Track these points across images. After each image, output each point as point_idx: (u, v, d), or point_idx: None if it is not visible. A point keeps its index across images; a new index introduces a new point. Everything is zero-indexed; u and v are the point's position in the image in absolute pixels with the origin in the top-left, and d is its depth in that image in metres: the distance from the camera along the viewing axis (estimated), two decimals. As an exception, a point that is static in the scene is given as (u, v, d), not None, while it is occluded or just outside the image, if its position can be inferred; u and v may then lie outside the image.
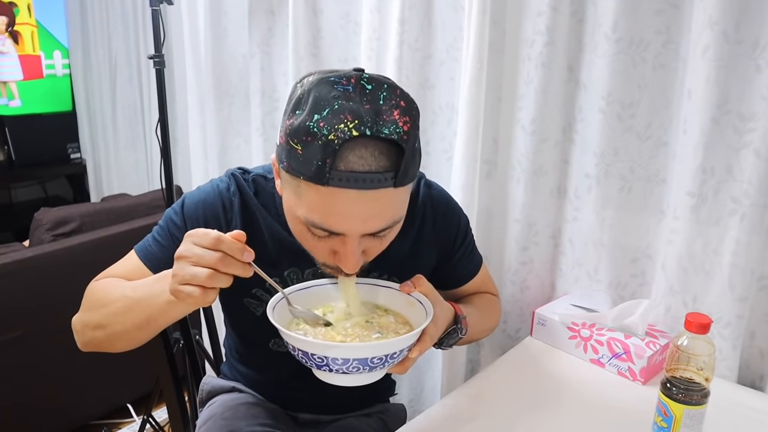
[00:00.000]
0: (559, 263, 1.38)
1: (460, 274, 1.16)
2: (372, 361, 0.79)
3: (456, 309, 1.00)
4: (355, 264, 0.84)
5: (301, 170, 0.78)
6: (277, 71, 1.85)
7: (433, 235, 1.08)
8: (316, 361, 0.80)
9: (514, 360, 1.24)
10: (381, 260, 0.97)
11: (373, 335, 0.88)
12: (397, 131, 0.77)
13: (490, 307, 1.20)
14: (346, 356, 0.78)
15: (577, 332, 1.22)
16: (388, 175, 0.77)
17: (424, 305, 0.91)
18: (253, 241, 0.95)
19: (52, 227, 2.05)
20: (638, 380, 1.14)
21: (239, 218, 0.99)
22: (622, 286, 1.30)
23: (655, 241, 1.25)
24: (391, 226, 0.85)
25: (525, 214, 1.36)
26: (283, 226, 0.97)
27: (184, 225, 0.98)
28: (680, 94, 1.15)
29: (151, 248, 0.99)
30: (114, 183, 3.40)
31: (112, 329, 0.91)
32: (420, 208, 1.06)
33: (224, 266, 0.74)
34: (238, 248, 0.75)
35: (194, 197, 1.01)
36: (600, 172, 1.25)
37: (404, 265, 1.05)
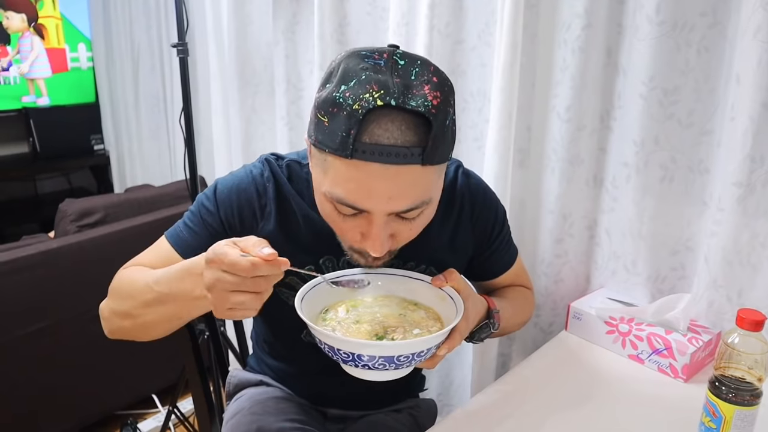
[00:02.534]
0: (595, 255, 1.33)
1: (496, 265, 1.12)
2: (399, 359, 0.79)
3: (489, 303, 0.98)
4: (381, 246, 0.81)
5: (327, 143, 0.76)
6: (303, 59, 1.82)
7: (471, 225, 1.05)
8: (342, 356, 0.79)
9: (548, 355, 1.20)
10: (419, 249, 0.97)
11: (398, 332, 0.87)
12: (425, 104, 0.74)
13: (524, 301, 1.17)
14: (373, 353, 0.77)
15: (615, 327, 1.18)
16: (415, 150, 0.74)
17: (455, 301, 0.89)
18: (287, 228, 0.97)
19: (77, 218, 2.05)
20: (680, 378, 1.10)
21: (274, 204, 0.97)
22: (661, 279, 1.25)
23: (697, 233, 1.20)
24: (419, 207, 0.81)
25: (560, 205, 1.32)
26: (318, 212, 0.93)
27: (216, 211, 0.96)
28: (727, 78, 1.09)
29: (182, 234, 0.97)
30: (137, 174, 3.41)
31: (142, 320, 0.89)
32: (458, 197, 1.03)
33: (264, 286, 0.73)
34: (275, 269, 0.73)
35: (227, 183, 0.99)
36: (639, 161, 1.20)
37: (442, 255, 1.03)
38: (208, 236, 0.95)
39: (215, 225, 0.96)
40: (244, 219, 0.97)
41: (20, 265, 1.78)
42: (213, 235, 0.95)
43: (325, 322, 0.89)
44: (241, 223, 0.97)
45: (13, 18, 3.39)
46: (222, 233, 0.96)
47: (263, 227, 0.97)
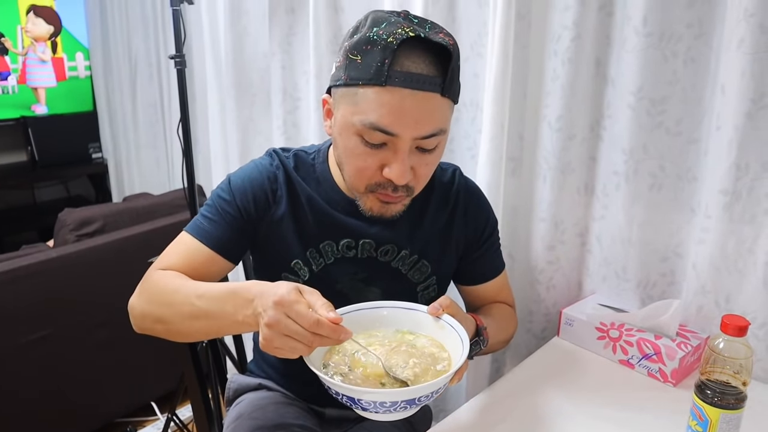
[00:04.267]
0: (587, 262, 1.36)
1: (482, 270, 1.16)
2: (419, 400, 0.80)
3: (477, 320, 1.01)
4: (405, 172, 0.90)
5: (361, 76, 0.86)
6: (299, 70, 1.85)
7: (463, 223, 1.11)
8: (346, 402, 0.80)
9: (541, 361, 1.22)
10: (414, 238, 1.07)
11: (409, 365, 0.85)
12: (445, 41, 0.86)
13: (508, 318, 1.18)
14: (381, 400, 0.78)
15: (606, 332, 1.20)
16: (437, 80, 0.86)
17: (457, 331, 0.89)
18: (296, 213, 1.05)
19: (76, 227, 2.06)
20: (669, 382, 1.12)
21: (285, 189, 1.05)
22: (651, 285, 1.27)
23: (685, 240, 1.22)
24: (437, 135, 0.91)
25: (551, 213, 1.34)
26: (321, 196, 1.06)
27: (233, 199, 1.03)
28: (713, 88, 1.12)
29: (203, 226, 1.02)
30: (135, 182, 3.43)
31: (175, 328, 0.93)
32: (454, 194, 1.11)
33: (317, 343, 0.77)
34: (334, 334, 0.76)
35: (239, 174, 1.07)
36: (629, 170, 1.23)
37: (434, 248, 1.10)
38: (227, 225, 1.02)
39: (233, 212, 1.02)
40: (258, 205, 1.04)
41: (20, 274, 1.80)
42: (231, 222, 1.02)
43: (331, 360, 0.89)
44: (255, 208, 1.04)
45: (39, 25, 3.42)
46: (239, 219, 1.03)
47: (275, 211, 1.05)
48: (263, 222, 1.05)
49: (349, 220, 1.05)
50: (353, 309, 0.93)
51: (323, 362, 0.87)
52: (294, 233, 1.05)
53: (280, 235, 1.05)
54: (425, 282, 1.10)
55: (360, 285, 1.08)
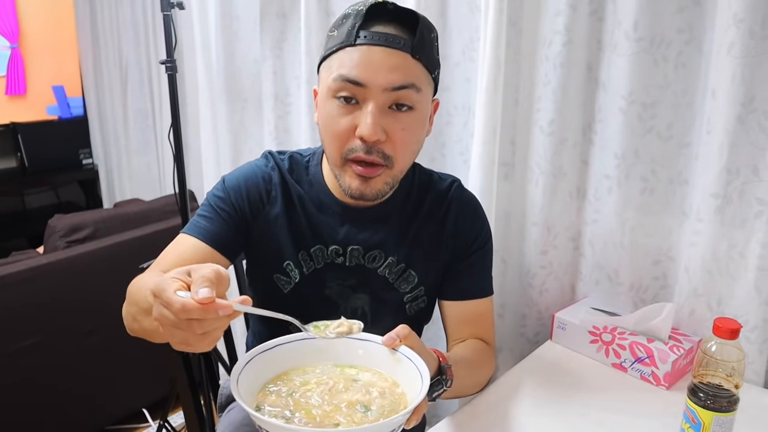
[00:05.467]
0: (579, 266, 1.36)
1: (465, 285, 1.11)
2: None
3: (440, 357, 0.92)
4: (373, 126, 0.90)
5: (335, 43, 0.93)
6: (290, 75, 1.85)
7: (453, 231, 1.10)
8: None
9: (533, 365, 1.22)
10: (401, 245, 1.07)
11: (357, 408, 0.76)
12: (414, 10, 0.93)
13: (482, 359, 1.09)
14: None
15: (599, 336, 1.20)
16: (406, 41, 0.91)
17: (416, 364, 0.78)
18: (290, 214, 1.06)
19: (66, 234, 2.05)
20: (662, 385, 1.12)
21: (279, 190, 1.06)
22: (643, 289, 1.28)
23: (677, 243, 1.22)
24: (409, 88, 0.92)
25: (544, 217, 1.34)
26: (312, 198, 1.06)
27: (228, 197, 1.04)
28: (704, 93, 1.12)
29: (200, 223, 1.02)
30: (126, 188, 3.41)
31: (142, 326, 0.92)
32: (447, 202, 1.10)
33: (200, 330, 0.65)
34: (209, 314, 0.64)
35: (234, 174, 1.08)
36: (621, 174, 1.23)
37: (422, 257, 1.08)
38: (222, 221, 1.03)
39: (228, 209, 1.03)
40: (252, 203, 1.05)
41: (10, 281, 1.78)
42: (226, 219, 1.03)
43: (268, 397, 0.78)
44: (250, 207, 1.05)
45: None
46: (235, 216, 1.04)
47: (269, 211, 1.06)
48: (257, 221, 1.05)
49: (339, 226, 1.06)
50: (293, 339, 0.83)
51: (257, 404, 0.76)
52: (287, 235, 1.05)
53: (274, 236, 1.05)
54: (413, 293, 1.09)
55: (348, 291, 1.08)
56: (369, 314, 1.10)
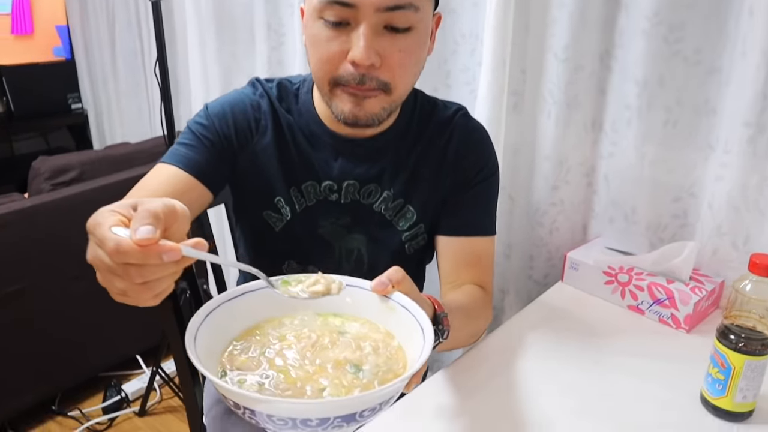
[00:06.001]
0: (592, 203, 1.27)
1: (464, 220, 1.01)
2: (339, 420, 0.53)
3: (435, 304, 0.78)
4: (368, 50, 0.80)
5: None
6: (283, 2, 1.71)
7: (454, 161, 1.00)
8: (248, 418, 0.55)
9: (543, 308, 1.15)
10: (398, 177, 0.98)
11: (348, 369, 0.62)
12: None
13: (479, 307, 0.98)
14: (301, 416, 0.52)
15: (614, 277, 1.12)
16: None
17: (414, 315, 0.65)
18: (281, 146, 0.97)
19: (51, 176, 1.96)
20: (682, 328, 1.05)
21: (270, 119, 0.97)
22: (662, 227, 1.19)
23: (701, 179, 1.13)
24: (406, 8, 0.80)
25: (556, 151, 1.25)
26: (302, 129, 0.97)
27: (212, 124, 0.95)
28: (739, 11, 1.01)
29: (180, 152, 0.93)
30: (117, 132, 3.30)
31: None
32: (449, 130, 1.01)
33: (139, 278, 0.52)
34: (150, 259, 0.51)
35: (219, 101, 0.99)
36: (642, 104, 1.13)
37: (421, 191, 1.00)
38: (205, 149, 0.94)
39: (211, 137, 0.95)
40: (239, 132, 0.96)
41: (-9, 224, 1.70)
42: (209, 147, 0.94)
43: (239, 364, 0.63)
44: (237, 136, 0.96)
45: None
46: (219, 144, 0.95)
47: (258, 141, 0.97)
48: (244, 152, 0.97)
49: (332, 160, 0.98)
50: (265, 285, 0.66)
51: (221, 368, 0.62)
52: (277, 168, 0.97)
53: (263, 169, 0.97)
54: (411, 231, 1.01)
55: (342, 231, 1.01)
56: (366, 255, 1.03)
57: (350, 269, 1.03)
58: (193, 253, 0.53)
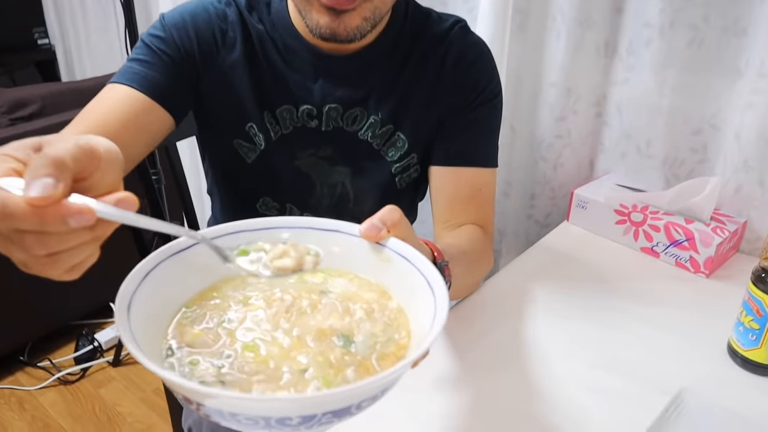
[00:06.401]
0: (602, 136, 1.15)
1: (464, 147, 0.88)
2: (329, 416, 0.40)
3: (434, 251, 0.67)
4: None
5: None
6: None
7: (451, 81, 0.87)
8: (205, 414, 0.41)
9: (546, 250, 1.04)
10: (386, 100, 0.85)
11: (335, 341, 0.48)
12: None
13: (481, 251, 0.86)
14: (277, 414, 0.38)
15: (627, 216, 1.01)
16: None
17: (417, 267, 0.50)
18: (252, 62, 0.83)
19: (9, 110, 1.81)
20: (701, 272, 0.95)
21: (239, 32, 0.84)
22: (678, 162, 1.08)
23: (725, 108, 1.01)
24: None
25: (564, 76, 1.11)
26: (276, 43, 0.84)
27: (170, 36, 0.82)
28: None
29: (134, 69, 0.79)
30: (87, 69, 3.10)
31: None
32: (446, 44, 0.87)
33: (48, 248, 0.38)
34: (39, 223, 0.36)
35: (176, 10, 0.85)
36: (664, 21, 1.00)
37: (412, 115, 0.87)
38: (163, 65, 0.80)
39: (170, 52, 0.81)
40: (202, 45, 0.83)
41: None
42: (168, 64, 0.81)
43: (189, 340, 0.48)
44: (199, 49, 0.83)
45: None
46: (179, 61, 0.82)
47: (225, 57, 0.84)
48: (210, 70, 0.83)
49: (311, 82, 0.85)
50: (229, 230, 0.53)
51: (167, 346, 0.47)
52: (248, 88, 0.84)
53: (232, 89, 0.84)
54: (402, 162, 0.89)
55: (323, 163, 0.89)
56: (351, 191, 0.91)
57: (332, 208, 0.91)
58: (115, 214, 0.38)
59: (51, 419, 1.71)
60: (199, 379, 0.43)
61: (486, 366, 0.75)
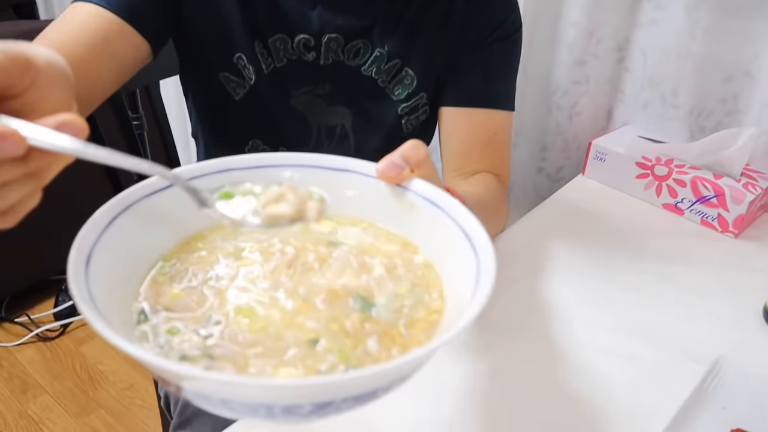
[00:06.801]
0: (622, 84, 1.05)
1: (478, 86, 0.81)
2: (350, 401, 0.32)
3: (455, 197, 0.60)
4: None
5: None
6: None
7: (464, 13, 0.78)
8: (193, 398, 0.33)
9: (560, 206, 0.96)
10: (394, 32, 0.76)
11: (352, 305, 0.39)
12: None
13: (498, 201, 0.80)
14: (283, 402, 0.30)
15: (650, 169, 0.93)
16: None
17: (451, 215, 0.41)
18: None
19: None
20: (730, 232, 0.87)
21: None
22: (705, 113, 0.99)
23: (763, 53, 0.92)
24: None
25: (585, 16, 1.01)
26: None
27: None
28: None
29: None
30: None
31: None
32: None
33: None
34: None
35: None
36: (700, -48, 0.90)
37: (423, 50, 0.78)
38: None
39: None
40: None
41: None
42: None
43: (165, 302, 0.39)
44: None
45: None
46: None
47: None
48: None
49: (308, 9, 0.76)
50: (213, 168, 0.44)
51: (139, 311, 0.38)
52: (237, 12, 0.74)
53: (218, 14, 0.75)
54: (410, 102, 0.80)
55: (321, 102, 0.80)
56: (351, 134, 0.82)
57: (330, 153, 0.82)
58: (52, 142, 0.29)
59: (29, 377, 1.64)
60: (180, 354, 0.34)
61: (502, 330, 0.68)
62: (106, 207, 0.38)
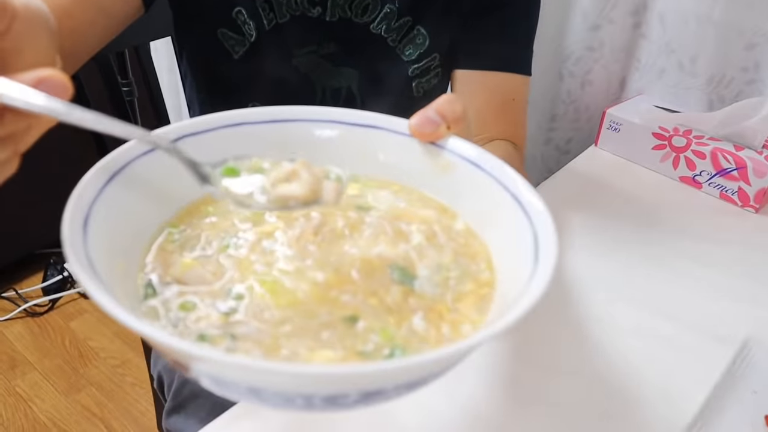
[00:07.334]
0: (637, 51, 1.00)
1: (495, 48, 0.76)
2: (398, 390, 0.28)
3: None
4: None
5: None
6: None
7: None
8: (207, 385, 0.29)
9: (573, 178, 0.92)
10: None
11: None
12: None
13: (517, 168, 0.74)
14: (318, 391, 0.26)
15: (668, 140, 0.89)
16: None
17: (495, 176, 0.37)
18: None
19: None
20: (750, 207, 0.84)
21: None
22: (725, 82, 0.95)
23: (787, 17, 0.88)
24: None
25: (602, -23, 0.97)
26: None
27: None
28: None
29: None
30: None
31: None
32: None
33: None
34: None
35: None
36: None
37: (436, 7, 0.72)
38: None
39: None
40: None
41: None
42: None
43: (176, 274, 0.34)
44: None
45: None
46: None
47: None
48: None
49: None
50: (213, 124, 0.39)
51: (143, 280, 0.33)
52: None
53: None
54: (422, 63, 0.75)
55: (326, 64, 0.75)
56: (358, 97, 0.78)
57: None
58: (30, 102, 0.25)
59: (17, 353, 1.60)
60: (198, 334, 0.29)
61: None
62: (103, 163, 0.34)
